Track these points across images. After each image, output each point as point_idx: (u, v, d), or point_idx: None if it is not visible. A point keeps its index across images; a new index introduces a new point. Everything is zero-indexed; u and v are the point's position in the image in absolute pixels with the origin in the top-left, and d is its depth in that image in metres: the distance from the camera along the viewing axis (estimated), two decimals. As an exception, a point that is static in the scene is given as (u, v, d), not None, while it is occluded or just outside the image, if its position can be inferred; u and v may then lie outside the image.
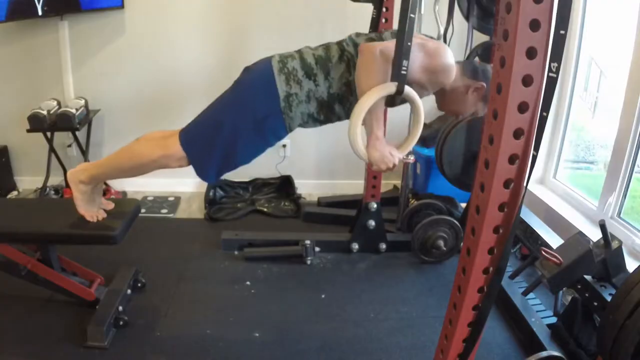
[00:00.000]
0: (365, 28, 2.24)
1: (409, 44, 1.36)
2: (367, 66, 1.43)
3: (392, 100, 1.47)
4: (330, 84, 1.56)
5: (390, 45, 1.42)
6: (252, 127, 1.55)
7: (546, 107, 0.91)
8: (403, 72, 1.38)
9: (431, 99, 1.82)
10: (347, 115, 1.63)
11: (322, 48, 1.61)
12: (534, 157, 0.94)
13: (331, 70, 1.55)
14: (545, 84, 0.90)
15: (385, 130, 1.55)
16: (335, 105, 1.60)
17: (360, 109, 1.41)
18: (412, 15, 1.33)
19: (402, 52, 1.36)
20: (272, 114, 1.55)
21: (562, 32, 0.87)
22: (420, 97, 1.54)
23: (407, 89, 1.43)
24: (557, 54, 0.88)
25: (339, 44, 1.61)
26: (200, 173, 1.62)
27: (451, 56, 1.51)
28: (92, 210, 1.77)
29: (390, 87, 1.41)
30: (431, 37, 1.61)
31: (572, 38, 2.61)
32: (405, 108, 1.66)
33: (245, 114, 1.55)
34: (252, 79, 1.59)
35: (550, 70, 0.89)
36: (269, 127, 1.57)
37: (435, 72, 1.50)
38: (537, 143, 0.93)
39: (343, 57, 1.56)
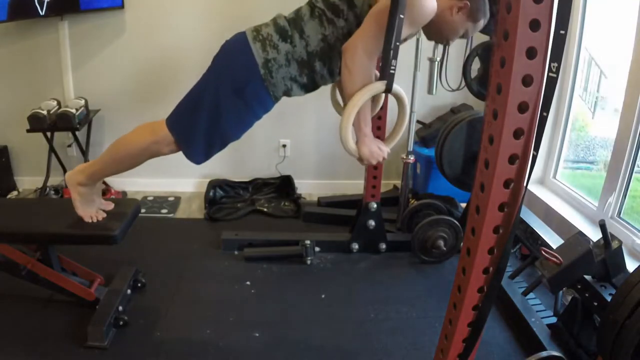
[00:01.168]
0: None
1: (398, 44, 1.34)
2: (351, 67, 1.43)
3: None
4: (307, 42, 1.54)
5: (371, 37, 1.40)
6: (233, 95, 1.54)
7: (546, 107, 0.91)
8: (392, 71, 1.38)
9: (430, 100, 1.83)
10: (331, 76, 1.62)
11: (294, 12, 1.61)
12: (534, 157, 0.94)
13: (305, 28, 1.54)
14: (545, 84, 0.90)
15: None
16: (316, 64, 1.57)
17: (351, 110, 1.43)
18: (401, 16, 1.32)
19: (390, 52, 1.35)
20: (253, 81, 1.54)
21: (562, 32, 0.87)
22: (413, 35, 1.57)
23: (396, 87, 1.45)
24: (557, 54, 0.88)
25: (309, 3, 1.60)
26: (188, 152, 1.61)
27: None
28: (90, 212, 1.77)
29: (379, 87, 1.42)
30: None
31: (572, 38, 2.61)
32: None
33: (224, 84, 1.54)
34: (228, 51, 1.59)
35: (550, 70, 0.89)
36: (252, 94, 1.55)
37: (421, 21, 1.45)
38: (537, 143, 0.93)
39: (314, 13, 1.55)
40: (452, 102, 3.15)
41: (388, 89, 1.43)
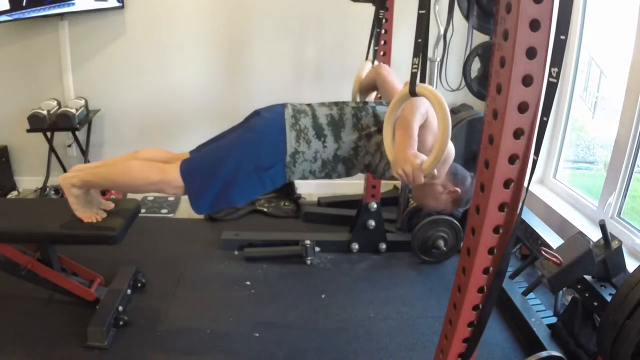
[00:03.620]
0: (365, 28, 2.24)
1: (419, 40, 1.31)
2: (411, 128, 1.39)
3: None
4: (339, 146, 1.57)
5: (422, 115, 1.41)
6: (253, 173, 1.55)
7: (546, 112, 0.91)
8: (414, 70, 1.32)
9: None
10: (347, 174, 1.66)
11: (337, 109, 1.61)
12: (534, 162, 0.94)
13: (342, 134, 1.56)
14: (545, 89, 0.90)
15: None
16: (339, 166, 1.61)
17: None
18: (422, 11, 1.31)
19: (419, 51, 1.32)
20: (276, 165, 1.56)
21: (562, 37, 0.87)
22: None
23: (424, 87, 1.36)
24: (558, 60, 0.88)
25: (356, 109, 1.61)
26: (195, 205, 1.61)
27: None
28: (90, 212, 1.76)
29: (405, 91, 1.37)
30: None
31: (572, 38, 2.60)
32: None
33: (249, 160, 1.55)
34: (263, 127, 1.58)
35: (550, 75, 0.89)
36: (270, 175, 1.58)
37: (446, 162, 1.52)
38: (537, 147, 0.93)
39: (357, 125, 1.57)
40: (452, 102, 3.15)
41: (412, 91, 1.34)
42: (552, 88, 0.90)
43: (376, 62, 2.11)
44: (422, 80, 1.31)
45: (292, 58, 3.16)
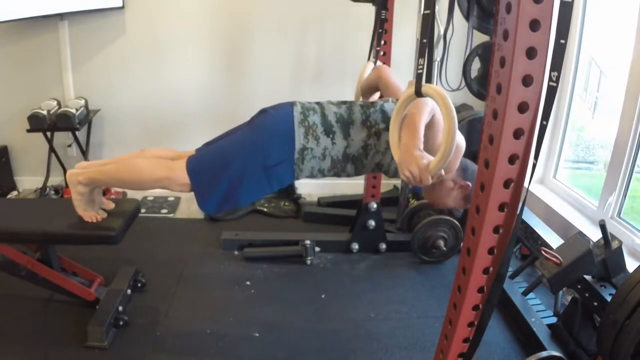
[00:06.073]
0: (365, 28, 2.25)
1: (425, 40, 1.26)
2: (417, 124, 1.37)
3: None
4: (348, 144, 1.56)
5: (430, 112, 1.39)
6: (260, 171, 1.55)
7: (546, 115, 0.90)
8: (419, 71, 1.30)
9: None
10: (357, 174, 1.65)
11: (346, 107, 1.61)
12: (534, 166, 0.94)
13: (351, 132, 1.56)
14: (545, 93, 0.90)
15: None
16: (348, 165, 1.61)
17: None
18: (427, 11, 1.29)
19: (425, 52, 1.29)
20: (284, 163, 1.55)
21: (562, 41, 0.87)
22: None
23: (430, 87, 1.35)
24: (557, 63, 0.88)
25: (363, 107, 1.61)
26: (201, 203, 1.61)
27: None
28: (91, 211, 1.76)
29: (410, 92, 1.36)
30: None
31: (572, 38, 2.60)
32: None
33: (257, 158, 1.54)
34: (271, 124, 1.58)
35: (550, 79, 0.89)
36: (277, 174, 1.57)
37: (457, 156, 1.53)
38: (536, 151, 0.93)
39: (366, 123, 1.57)
40: (452, 102, 3.15)
41: (417, 91, 1.33)
42: (552, 92, 0.90)
43: (379, 63, 2.11)
44: (428, 80, 1.30)
45: (292, 58, 3.16)
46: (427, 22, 1.27)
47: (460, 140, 1.51)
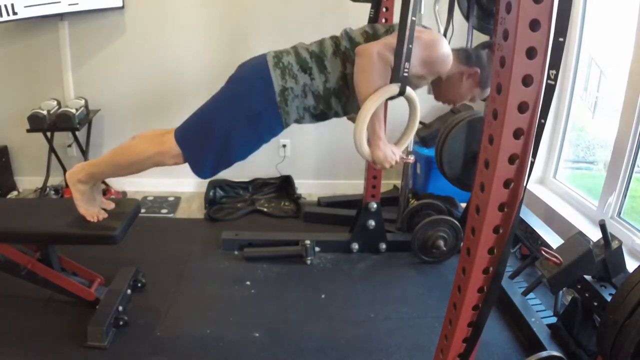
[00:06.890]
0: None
1: (410, 46, 1.36)
2: (366, 70, 1.43)
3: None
4: (327, 78, 1.56)
5: (387, 45, 1.42)
6: (246, 122, 1.55)
7: (544, 114, 0.91)
8: (405, 74, 1.39)
9: (430, 100, 1.82)
10: (344, 111, 1.65)
11: (316, 44, 1.62)
12: (532, 164, 0.94)
13: (326, 64, 1.56)
14: (543, 91, 0.90)
15: (385, 129, 1.56)
16: (332, 100, 1.60)
17: (366, 113, 1.43)
18: (413, 18, 1.33)
19: (403, 54, 1.36)
20: (268, 108, 1.55)
21: (560, 39, 0.87)
22: (419, 86, 1.58)
23: (408, 90, 1.45)
24: (556, 61, 0.88)
25: (333, 38, 1.62)
26: (195, 169, 1.62)
27: (447, 45, 1.52)
28: (92, 210, 1.77)
29: (393, 89, 1.42)
30: (425, 27, 1.59)
31: (572, 38, 2.60)
32: (404, 107, 1.65)
33: (239, 110, 1.55)
34: (247, 74, 1.59)
35: (548, 77, 0.89)
36: (264, 122, 1.57)
37: (433, 63, 1.51)
38: (534, 149, 0.93)
39: (338, 52, 1.57)
40: (452, 102, 3.15)
41: (402, 92, 1.43)
42: (550, 90, 0.90)
43: None
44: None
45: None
46: (404, 26, 1.35)
47: (445, 47, 1.51)
